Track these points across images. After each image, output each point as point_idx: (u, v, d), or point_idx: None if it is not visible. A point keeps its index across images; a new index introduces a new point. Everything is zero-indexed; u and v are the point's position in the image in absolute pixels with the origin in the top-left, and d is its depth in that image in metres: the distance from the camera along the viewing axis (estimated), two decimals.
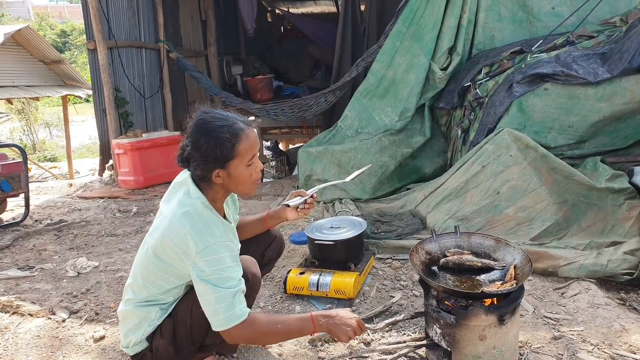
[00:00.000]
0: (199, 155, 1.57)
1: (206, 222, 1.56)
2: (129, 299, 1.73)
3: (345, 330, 1.57)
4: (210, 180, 1.61)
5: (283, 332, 1.58)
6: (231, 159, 1.57)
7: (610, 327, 2.08)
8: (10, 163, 4.02)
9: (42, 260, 3.29)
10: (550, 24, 3.89)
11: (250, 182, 1.66)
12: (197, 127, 1.58)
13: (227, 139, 1.55)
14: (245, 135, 1.58)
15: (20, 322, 2.32)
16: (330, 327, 1.57)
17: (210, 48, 7.95)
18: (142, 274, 1.68)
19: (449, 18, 4.05)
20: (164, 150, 5.59)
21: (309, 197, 1.95)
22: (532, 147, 3.05)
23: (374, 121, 4.26)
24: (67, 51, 25.58)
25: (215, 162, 1.57)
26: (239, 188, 1.67)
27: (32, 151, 13.90)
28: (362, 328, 1.61)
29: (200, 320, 1.62)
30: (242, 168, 1.60)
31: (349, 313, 1.64)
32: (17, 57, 9.51)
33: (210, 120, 1.58)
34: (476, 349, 1.71)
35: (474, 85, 3.74)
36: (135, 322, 1.71)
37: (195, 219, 1.55)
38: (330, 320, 1.58)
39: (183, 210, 1.56)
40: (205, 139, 1.55)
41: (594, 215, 2.90)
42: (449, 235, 2.11)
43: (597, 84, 3.03)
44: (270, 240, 2.10)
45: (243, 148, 1.58)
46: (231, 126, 1.57)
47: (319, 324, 1.58)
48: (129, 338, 1.72)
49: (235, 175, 1.61)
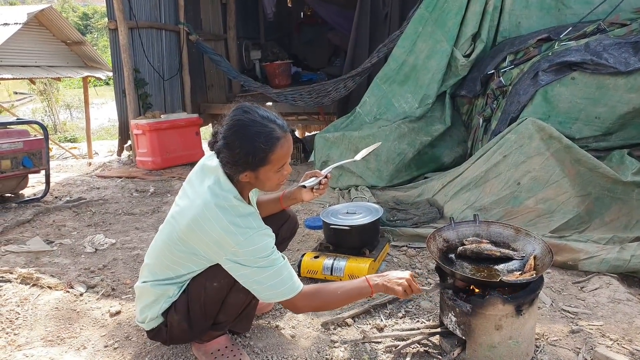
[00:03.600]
0: (230, 156, 1.55)
1: (241, 213, 1.56)
2: (148, 279, 1.72)
3: (399, 286, 1.64)
4: (237, 178, 1.60)
5: (344, 297, 1.64)
6: (263, 165, 1.56)
7: (632, 323, 2.03)
8: (32, 140, 4.08)
9: (61, 235, 3.34)
10: (580, 11, 3.76)
11: (277, 184, 1.66)
12: (233, 128, 1.54)
13: (261, 148, 1.52)
14: (280, 145, 1.54)
15: (40, 294, 2.37)
16: (386, 285, 1.65)
17: (230, 32, 7.91)
18: (165, 255, 1.66)
19: (474, 3, 3.94)
20: (182, 132, 5.62)
21: (324, 177, 1.92)
22: (555, 138, 2.97)
23: (393, 108, 4.20)
24: (89, 34, 25.87)
25: (245, 166, 1.55)
26: (264, 188, 1.67)
27: (53, 132, 14.15)
28: (414, 285, 1.67)
29: (214, 295, 1.63)
30: (272, 173, 1.60)
31: (401, 272, 1.70)
32: (39, 37, 9.63)
33: (249, 124, 1.53)
34: (492, 338, 1.68)
35: (497, 73, 3.65)
36: (152, 299, 1.71)
37: (230, 212, 1.54)
38: (385, 278, 1.66)
39: (216, 202, 1.54)
40: (240, 142, 1.52)
41: (618, 209, 2.82)
42: (468, 223, 2.07)
43: (628, 74, 2.92)
44: (285, 220, 2.09)
45: (276, 157, 1.55)
46: (268, 134, 1.53)
47: (374, 284, 1.65)
48: (145, 314, 1.73)
49: (263, 179, 1.60)
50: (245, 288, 1.60)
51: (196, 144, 5.86)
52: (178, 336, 1.75)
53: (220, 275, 1.61)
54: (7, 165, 3.88)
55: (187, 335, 1.75)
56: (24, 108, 16.69)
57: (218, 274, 1.61)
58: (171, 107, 6.46)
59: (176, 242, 1.61)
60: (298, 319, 2.11)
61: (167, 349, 1.89)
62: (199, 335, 1.76)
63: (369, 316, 2.14)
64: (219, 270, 1.60)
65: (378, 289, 1.65)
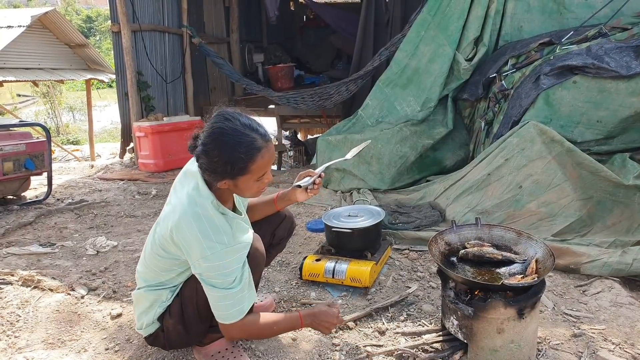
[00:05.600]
0: (208, 163, 1.51)
1: (215, 227, 1.52)
2: (142, 285, 1.75)
3: (326, 329, 1.77)
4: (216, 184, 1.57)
5: (276, 332, 1.75)
6: (242, 175, 1.52)
7: (634, 327, 2.02)
8: (34, 142, 4.09)
9: (63, 237, 3.35)
10: (581, 15, 3.76)
11: (257, 192, 1.64)
12: (213, 135, 1.50)
13: (241, 158, 1.48)
14: (260, 156, 1.51)
15: (41, 297, 2.37)
16: (314, 325, 1.74)
17: (233, 35, 7.95)
18: (152, 262, 1.69)
19: (476, 7, 3.95)
20: (185, 134, 5.62)
21: (317, 176, 1.90)
22: (557, 141, 2.96)
23: (395, 111, 4.21)
24: (92, 37, 25.98)
25: (224, 175, 1.52)
26: (244, 195, 1.65)
27: (56, 134, 14.18)
28: (340, 322, 1.81)
29: (207, 298, 1.63)
30: (251, 182, 1.56)
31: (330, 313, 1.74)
32: (43, 39, 9.67)
33: (229, 133, 1.49)
34: (493, 342, 1.67)
35: (499, 76, 3.66)
36: (147, 305, 1.73)
37: (204, 222, 1.51)
38: (315, 319, 1.73)
39: (193, 211, 1.52)
40: (219, 151, 1.48)
41: (620, 213, 2.82)
42: (470, 226, 2.07)
43: (630, 78, 2.93)
44: (281, 220, 2.08)
45: (257, 167, 1.52)
46: (249, 144, 1.49)
47: (306, 323, 1.72)
48: (142, 320, 1.75)
49: (243, 187, 1.58)
50: None
51: None
52: (175, 340, 1.75)
53: None
54: (10, 167, 3.90)
55: (185, 339, 1.76)
56: (27, 110, 16.74)
57: None
58: (174, 110, 6.48)
59: (159, 248, 1.63)
60: None
61: (167, 353, 1.89)
62: (196, 338, 1.76)
63: (371, 319, 2.13)
64: None
65: (307, 326, 1.74)
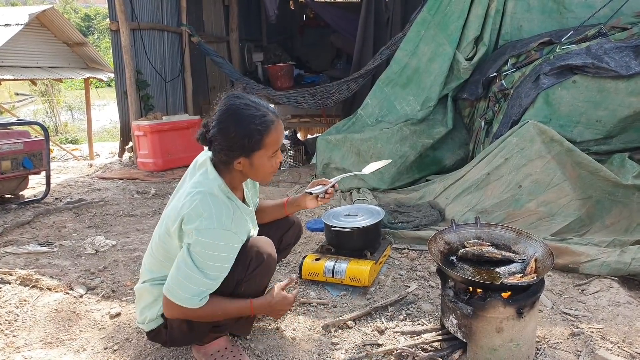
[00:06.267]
0: (225, 141, 1.56)
1: (218, 204, 1.55)
2: (147, 277, 1.75)
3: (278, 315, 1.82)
4: (230, 166, 1.62)
5: (222, 315, 1.65)
6: (257, 150, 1.58)
7: (632, 325, 2.02)
8: (32, 140, 4.08)
9: (62, 237, 3.34)
10: (581, 14, 3.76)
11: (270, 172, 1.68)
12: (228, 113, 1.56)
13: (257, 130, 1.54)
14: (274, 129, 1.58)
15: (39, 296, 2.36)
16: (266, 313, 1.79)
17: (232, 34, 7.93)
18: (159, 251, 1.70)
19: (477, 7, 3.95)
20: (184, 133, 5.62)
21: (330, 186, 1.94)
22: (557, 141, 2.97)
23: (395, 110, 4.20)
24: (91, 35, 25.92)
25: (240, 151, 1.57)
26: (258, 176, 1.69)
27: (55, 133, 14.15)
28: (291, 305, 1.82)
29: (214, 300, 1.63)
30: (265, 159, 1.62)
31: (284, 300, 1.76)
32: (41, 38, 9.64)
33: (243, 108, 1.56)
34: (493, 341, 1.67)
35: (499, 76, 3.65)
36: (151, 300, 1.73)
37: (207, 198, 1.54)
38: (269, 308, 1.74)
39: (198, 190, 1.56)
40: (235, 126, 1.54)
41: (618, 212, 2.82)
42: (469, 226, 2.07)
43: (629, 78, 2.93)
44: (289, 226, 2.10)
45: (270, 141, 1.58)
46: (262, 117, 1.56)
47: (257, 311, 1.71)
48: (145, 315, 1.75)
49: (257, 165, 1.62)
50: (244, 292, 1.65)
51: (198, 146, 5.83)
52: (178, 338, 1.75)
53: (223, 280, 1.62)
54: (7, 166, 3.89)
55: (187, 338, 1.75)
56: (25, 109, 16.71)
57: None
58: (173, 109, 6.47)
59: (164, 236, 1.64)
60: (299, 322, 2.11)
61: (167, 351, 1.89)
62: (199, 337, 1.76)
63: (370, 318, 2.13)
64: None
65: (259, 314, 1.77)
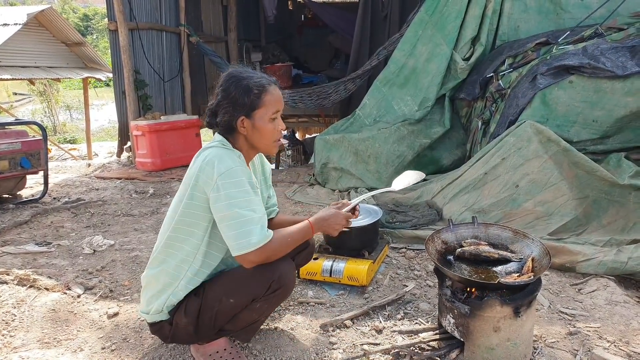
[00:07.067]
0: (227, 101, 1.69)
1: (228, 151, 1.67)
2: (156, 265, 1.73)
3: (335, 231, 1.84)
4: (235, 129, 1.70)
5: (293, 243, 1.72)
6: (257, 107, 1.68)
7: (628, 324, 2.03)
8: (30, 140, 4.08)
9: (59, 236, 3.34)
10: (578, 15, 3.78)
11: (272, 139, 1.75)
12: (228, 77, 1.72)
13: (254, 87, 1.69)
14: (272, 90, 1.72)
15: (37, 296, 2.36)
16: (323, 229, 1.82)
17: (231, 34, 7.93)
18: (171, 231, 1.69)
19: (474, 7, 3.97)
20: (182, 133, 5.62)
21: (351, 207, 1.91)
22: (554, 141, 2.98)
23: (392, 110, 4.21)
24: (89, 35, 25.89)
25: (242, 109, 1.68)
26: (262, 142, 1.74)
27: (53, 133, 14.13)
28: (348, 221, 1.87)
29: (227, 310, 1.65)
30: (266, 120, 1.70)
31: (339, 214, 1.83)
32: (39, 38, 9.63)
33: (241, 72, 1.74)
34: (490, 340, 1.68)
35: (496, 76, 3.67)
36: (158, 289, 1.71)
37: (217, 149, 1.67)
38: (325, 222, 1.81)
39: (216, 145, 1.70)
40: (235, 86, 1.69)
41: (615, 212, 2.83)
42: (467, 225, 2.07)
43: (625, 78, 2.94)
44: (303, 248, 2.00)
45: (268, 100, 1.70)
46: (259, 79, 1.72)
47: (316, 228, 1.79)
48: (152, 305, 1.72)
49: (259, 127, 1.70)
50: (258, 308, 1.68)
51: (196, 145, 5.85)
52: (181, 337, 1.75)
53: (239, 294, 1.64)
54: (5, 165, 3.88)
55: (191, 339, 1.77)
56: (23, 109, 16.67)
57: (237, 292, 1.65)
58: (171, 109, 6.46)
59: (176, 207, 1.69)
60: (297, 321, 2.11)
61: (164, 351, 1.89)
62: (202, 340, 1.77)
63: (368, 318, 2.14)
64: (238, 288, 1.64)
65: (318, 231, 1.81)
